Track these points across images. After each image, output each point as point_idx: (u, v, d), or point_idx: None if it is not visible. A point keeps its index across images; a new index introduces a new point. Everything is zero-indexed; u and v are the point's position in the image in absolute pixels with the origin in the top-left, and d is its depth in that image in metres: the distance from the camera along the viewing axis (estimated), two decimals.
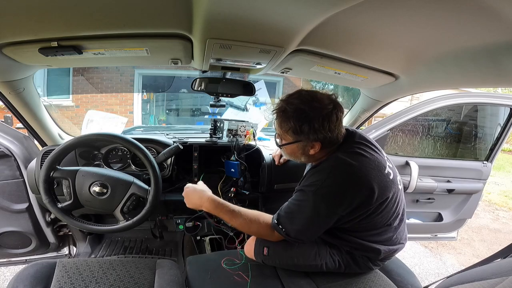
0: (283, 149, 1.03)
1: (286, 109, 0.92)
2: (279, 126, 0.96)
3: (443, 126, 2.14)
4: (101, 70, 4.96)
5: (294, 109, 0.90)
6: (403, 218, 1.05)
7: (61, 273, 0.97)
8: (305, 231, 0.93)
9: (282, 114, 0.93)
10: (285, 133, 0.95)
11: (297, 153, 0.99)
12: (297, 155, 1.00)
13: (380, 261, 1.07)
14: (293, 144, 0.96)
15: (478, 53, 0.84)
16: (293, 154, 1.01)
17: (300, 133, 0.91)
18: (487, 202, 4.46)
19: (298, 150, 0.97)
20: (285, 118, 0.92)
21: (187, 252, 1.73)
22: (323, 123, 0.89)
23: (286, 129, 0.93)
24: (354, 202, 0.88)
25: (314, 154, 0.96)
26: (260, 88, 2.13)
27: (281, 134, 0.98)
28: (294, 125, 0.90)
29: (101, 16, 0.73)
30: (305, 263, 1.03)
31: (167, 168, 1.43)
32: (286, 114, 0.92)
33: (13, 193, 1.45)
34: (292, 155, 1.02)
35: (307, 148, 0.95)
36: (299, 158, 1.01)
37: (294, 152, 0.99)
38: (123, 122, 1.81)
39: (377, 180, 0.89)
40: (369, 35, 0.85)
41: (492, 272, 0.75)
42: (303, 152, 0.97)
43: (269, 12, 0.68)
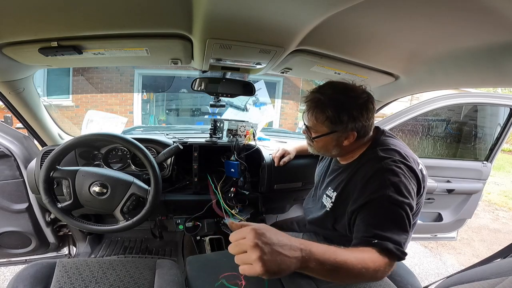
0: (315, 143, 0.97)
1: (321, 99, 0.88)
2: (314, 117, 0.91)
3: (443, 126, 2.14)
4: (101, 70, 4.96)
5: (330, 98, 0.88)
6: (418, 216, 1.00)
7: (61, 273, 0.97)
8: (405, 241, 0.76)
9: (318, 104, 0.89)
10: (321, 124, 0.91)
11: (330, 145, 0.94)
12: (328, 148, 0.96)
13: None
14: (328, 136, 0.92)
15: (478, 53, 0.84)
16: (324, 147, 0.96)
17: (338, 123, 0.88)
18: (487, 202, 4.46)
19: (332, 141, 0.93)
20: (321, 108, 0.89)
21: (187, 252, 1.72)
22: (362, 112, 0.87)
23: (322, 120, 0.89)
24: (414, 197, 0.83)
25: (347, 146, 0.92)
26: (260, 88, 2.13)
27: (314, 126, 0.93)
28: (332, 114, 0.87)
29: (101, 16, 0.73)
30: None
31: (167, 168, 1.43)
32: (322, 104, 0.88)
33: (13, 193, 1.45)
34: (323, 148, 0.97)
35: (342, 139, 0.91)
36: (331, 151, 0.96)
37: (327, 145, 0.95)
38: (123, 122, 1.81)
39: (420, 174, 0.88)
40: (369, 35, 0.85)
41: (492, 272, 0.75)
42: (336, 144, 0.93)
43: (269, 12, 0.68)
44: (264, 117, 2.29)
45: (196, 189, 1.48)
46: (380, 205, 0.79)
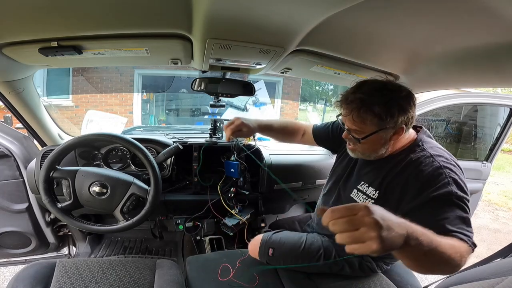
0: (361, 144, 0.90)
1: (362, 98, 0.83)
2: (360, 118, 0.84)
3: (443, 126, 2.14)
4: (101, 70, 4.96)
5: (374, 95, 0.82)
6: None
7: (60, 273, 0.97)
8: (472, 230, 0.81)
9: (363, 103, 0.83)
10: (369, 123, 0.84)
11: (378, 144, 0.88)
12: (376, 147, 0.90)
13: (386, 264, 1.06)
14: (377, 134, 0.85)
15: (478, 53, 0.84)
16: (371, 147, 0.90)
17: (388, 119, 0.82)
18: (487, 202, 4.46)
19: (380, 139, 0.87)
20: (367, 107, 0.82)
21: (187, 252, 1.72)
22: (410, 102, 0.83)
23: (371, 118, 0.83)
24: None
25: (395, 143, 0.89)
26: (260, 88, 2.13)
27: (359, 127, 0.87)
28: (381, 110, 0.81)
29: (101, 16, 0.73)
30: (309, 263, 1.03)
31: (167, 168, 1.43)
32: (365, 102, 0.82)
33: (13, 193, 1.45)
34: (370, 148, 0.91)
35: (390, 135, 0.86)
36: (378, 150, 0.90)
37: (375, 144, 0.89)
38: (123, 122, 1.81)
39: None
40: (369, 35, 0.85)
41: (491, 272, 0.75)
42: (385, 141, 0.88)
43: (269, 12, 0.68)
44: (264, 117, 2.29)
45: (196, 189, 1.48)
46: (447, 202, 0.78)
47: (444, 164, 0.81)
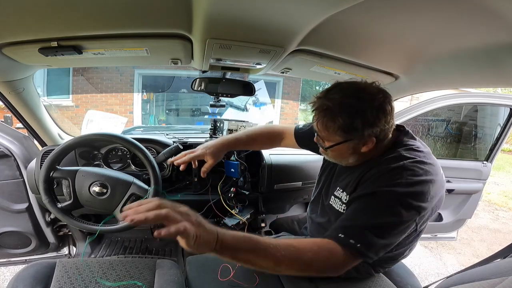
0: (329, 152, 0.88)
1: (329, 106, 0.78)
2: (324, 127, 0.81)
3: (443, 126, 2.14)
4: (101, 70, 4.96)
5: (340, 104, 0.77)
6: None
7: (61, 273, 0.97)
8: (375, 243, 0.72)
9: (326, 113, 0.79)
10: (333, 134, 0.81)
11: (346, 153, 0.85)
12: (345, 156, 0.87)
13: (383, 268, 1.05)
14: (343, 145, 0.82)
15: (478, 53, 0.84)
16: (340, 155, 0.88)
17: (351, 131, 0.77)
18: (487, 202, 4.46)
19: (347, 150, 0.83)
20: (330, 117, 0.78)
21: (187, 252, 1.72)
22: (378, 115, 0.76)
23: (334, 129, 0.79)
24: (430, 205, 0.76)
25: (366, 152, 0.83)
26: (260, 88, 2.14)
27: (325, 135, 0.83)
28: (343, 122, 0.76)
29: (101, 16, 0.73)
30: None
31: (167, 168, 1.43)
32: (330, 112, 0.78)
33: (13, 193, 1.45)
34: (339, 156, 0.89)
35: (359, 146, 0.81)
36: (347, 159, 0.87)
37: (342, 153, 0.86)
38: (123, 122, 1.81)
39: (442, 180, 0.81)
40: (369, 35, 0.85)
41: (492, 272, 0.75)
42: (353, 151, 0.83)
43: (269, 12, 0.68)
44: (264, 117, 2.29)
45: (196, 189, 1.48)
46: (382, 200, 0.74)
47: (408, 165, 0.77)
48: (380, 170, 0.80)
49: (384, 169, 0.80)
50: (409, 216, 0.73)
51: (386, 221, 0.73)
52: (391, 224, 0.73)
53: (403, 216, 0.73)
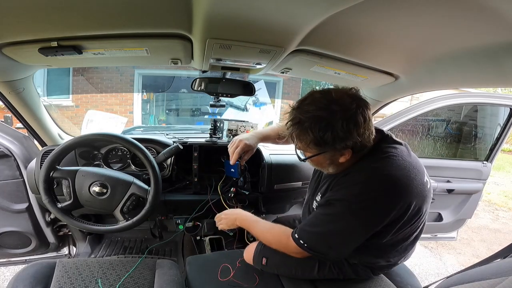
0: (309, 162, 0.90)
1: (301, 119, 0.78)
2: (297, 139, 0.82)
3: (443, 126, 2.14)
4: (101, 70, 4.96)
5: (311, 118, 0.77)
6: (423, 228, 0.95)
7: (61, 273, 0.97)
8: (333, 246, 0.84)
9: (298, 126, 0.79)
10: (306, 146, 0.82)
11: (324, 163, 0.87)
12: (324, 166, 0.88)
13: (382, 271, 1.06)
14: (319, 156, 0.83)
15: (478, 53, 0.84)
16: (319, 165, 0.90)
17: (323, 144, 0.78)
18: (487, 202, 4.46)
19: (325, 160, 0.85)
20: (302, 130, 0.79)
21: (187, 252, 1.73)
22: (349, 128, 0.75)
23: (306, 142, 0.80)
24: (391, 218, 0.78)
25: (344, 162, 0.84)
26: (260, 88, 2.13)
27: (301, 147, 0.85)
28: (314, 136, 0.77)
29: (101, 16, 0.73)
30: (303, 274, 1.02)
31: (167, 168, 1.43)
32: (302, 126, 0.78)
33: (13, 193, 1.45)
34: (318, 166, 0.91)
35: (336, 157, 0.82)
36: (327, 168, 0.89)
37: (321, 163, 0.88)
38: (123, 122, 1.81)
39: (417, 191, 0.80)
40: (369, 35, 0.84)
41: (492, 272, 0.75)
42: (331, 162, 0.85)
43: (269, 12, 0.68)
44: (264, 117, 2.29)
45: (196, 189, 1.48)
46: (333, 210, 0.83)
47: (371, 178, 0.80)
48: (342, 181, 0.86)
49: (346, 180, 0.85)
50: (355, 227, 0.81)
51: (331, 230, 0.83)
52: (336, 233, 0.83)
53: (349, 226, 0.81)
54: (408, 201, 0.79)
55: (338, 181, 0.88)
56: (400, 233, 0.86)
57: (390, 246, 0.91)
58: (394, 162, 0.81)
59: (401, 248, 0.94)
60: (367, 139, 0.81)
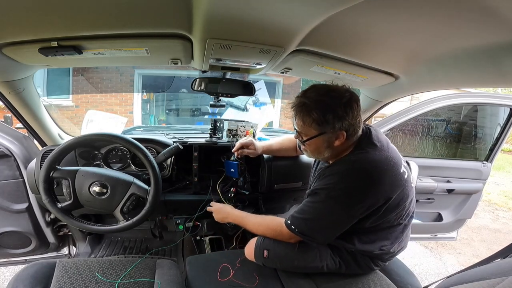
0: (307, 146, 1.00)
1: (305, 102, 0.91)
2: (301, 121, 0.94)
3: (443, 126, 2.14)
4: (101, 70, 4.96)
5: (314, 101, 0.91)
6: (412, 217, 1.06)
7: (61, 273, 0.97)
8: (320, 231, 0.96)
9: (303, 108, 0.92)
10: (309, 127, 0.93)
11: (322, 147, 0.96)
12: (320, 150, 0.98)
13: (382, 261, 1.07)
14: (318, 138, 0.94)
15: (478, 53, 0.84)
16: (316, 150, 0.99)
17: (324, 124, 0.90)
18: (487, 202, 4.46)
19: (322, 143, 0.95)
20: (306, 112, 0.91)
21: (187, 252, 1.73)
22: (346, 110, 0.89)
23: (309, 123, 0.92)
24: (368, 204, 0.89)
25: (338, 146, 0.95)
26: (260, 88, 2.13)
27: (303, 129, 0.96)
28: (317, 116, 0.89)
29: (101, 16, 0.73)
30: (305, 264, 1.03)
31: (167, 168, 1.43)
32: (307, 107, 0.91)
33: (13, 193, 1.45)
34: (316, 151, 0.99)
35: (332, 140, 0.93)
36: (323, 153, 0.98)
37: (318, 147, 0.97)
38: (123, 122, 1.81)
39: (392, 181, 0.90)
40: (369, 35, 0.85)
41: (492, 272, 0.75)
42: (328, 145, 0.95)
43: (269, 12, 0.68)
44: (264, 117, 2.29)
45: (196, 189, 1.48)
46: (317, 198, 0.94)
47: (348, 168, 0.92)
48: (325, 172, 0.97)
49: (328, 171, 0.96)
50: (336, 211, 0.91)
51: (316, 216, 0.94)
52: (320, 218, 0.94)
53: (330, 211, 0.92)
54: (382, 190, 0.89)
55: (322, 172, 0.99)
56: (384, 219, 0.95)
57: (378, 232, 0.99)
58: (370, 156, 0.92)
59: (392, 236, 1.01)
60: (358, 125, 0.94)
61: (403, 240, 1.05)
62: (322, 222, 0.94)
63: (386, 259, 1.07)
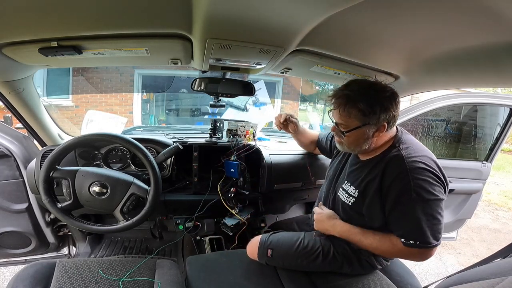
0: (346, 138, 0.98)
1: (349, 94, 0.91)
2: (346, 112, 0.93)
3: (442, 126, 2.14)
4: (101, 70, 4.96)
5: (361, 93, 0.91)
6: None
7: (60, 273, 0.97)
8: (441, 229, 0.92)
9: (349, 100, 0.91)
10: (353, 118, 0.92)
11: (361, 138, 0.95)
12: (359, 142, 0.96)
13: (385, 260, 1.07)
14: (360, 129, 0.93)
15: (478, 53, 0.84)
16: (356, 141, 0.97)
17: (371, 114, 0.90)
18: (487, 202, 4.46)
19: (364, 134, 0.94)
20: (353, 103, 0.91)
21: (187, 252, 1.72)
22: (391, 102, 0.91)
23: (355, 113, 0.91)
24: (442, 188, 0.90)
25: (377, 138, 0.95)
26: (260, 88, 2.13)
27: (346, 121, 0.95)
28: (364, 106, 0.89)
29: (101, 16, 0.73)
30: (308, 263, 1.03)
31: (167, 168, 1.43)
32: (351, 98, 0.91)
33: (13, 193, 1.45)
34: (354, 142, 0.97)
35: (373, 131, 0.93)
36: (361, 145, 0.96)
37: (358, 139, 0.96)
38: (123, 122, 1.81)
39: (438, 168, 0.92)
40: (369, 35, 0.85)
41: (492, 272, 0.75)
42: (368, 137, 0.94)
43: (269, 12, 0.68)
44: (264, 117, 2.29)
45: (196, 189, 1.48)
46: (405, 207, 0.88)
47: (412, 166, 0.88)
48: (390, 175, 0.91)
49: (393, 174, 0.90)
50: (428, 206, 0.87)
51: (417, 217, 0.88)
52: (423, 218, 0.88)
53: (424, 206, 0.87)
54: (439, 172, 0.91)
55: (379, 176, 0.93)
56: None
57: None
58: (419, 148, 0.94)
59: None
60: (396, 119, 0.95)
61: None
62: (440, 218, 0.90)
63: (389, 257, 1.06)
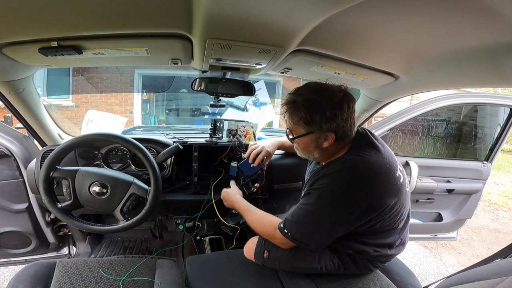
0: (296, 144, 0.99)
1: (295, 100, 0.91)
2: (289, 118, 0.93)
3: (443, 126, 2.14)
4: (101, 70, 4.96)
5: (304, 99, 0.89)
6: (408, 219, 1.03)
7: (61, 273, 0.97)
8: (311, 236, 0.90)
9: (292, 106, 0.91)
10: (296, 125, 0.93)
11: (310, 147, 0.94)
12: (310, 150, 0.96)
13: (380, 263, 1.07)
14: (306, 137, 0.93)
15: (478, 53, 0.84)
16: (306, 149, 0.97)
17: (311, 123, 0.88)
18: (487, 202, 4.47)
19: (311, 143, 0.93)
20: (295, 109, 0.91)
21: (187, 252, 1.72)
22: (335, 111, 0.87)
23: (296, 120, 0.91)
24: (361, 207, 0.85)
25: (327, 147, 0.92)
26: (260, 88, 2.13)
27: (292, 127, 0.95)
28: (304, 115, 0.88)
29: (101, 16, 0.73)
30: (305, 265, 1.03)
31: (167, 168, 1.43)
32: (295, 105, 0.90)
33: (13, 193, 1.45)
34: (305, 150, 0.98)
35: (320, 140, 0.91)
36: (313, 153, 0.96)
37: (307, 147, 0.96)
38: (123, 122, 1.81)
39: (386, 184, 0.87)
40: (369, 35, 0.85)
41: (492, 272, 0.75)
42: (316, 145, 0.93)
43: (269, 12, 0.68)
44: (264, 117, 2.29)
45: (196, 189, 1.48)
46: (310, 198, 0.90)
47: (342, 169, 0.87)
48: (319, 172, 0.93)
49: (322, 171, 0.92)
50: (327, 214, 0.87)
51: (308, 219, 0.89)
52: (312, 221, 0.89)
53: (322, 214, 0.87)
54: (376, 193, 0.86)
55: (315, 173, 0.96)
56: (379, 223, 0.91)
57: (374, 234, 0.95)
58: (365, 158, 0.89)
59: (388, 239, 0.99)
60: (349, 127, 0.91)
61: (401, 242, 1.03)
62: (313, 225, 0.89)
63: (383, 261, 1.06)
